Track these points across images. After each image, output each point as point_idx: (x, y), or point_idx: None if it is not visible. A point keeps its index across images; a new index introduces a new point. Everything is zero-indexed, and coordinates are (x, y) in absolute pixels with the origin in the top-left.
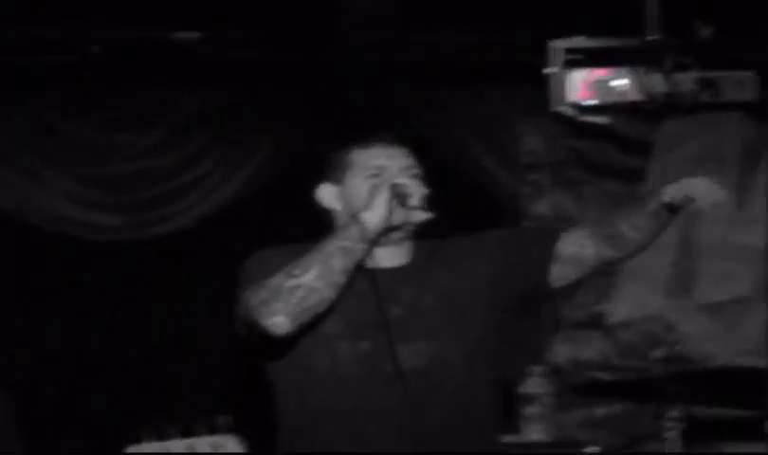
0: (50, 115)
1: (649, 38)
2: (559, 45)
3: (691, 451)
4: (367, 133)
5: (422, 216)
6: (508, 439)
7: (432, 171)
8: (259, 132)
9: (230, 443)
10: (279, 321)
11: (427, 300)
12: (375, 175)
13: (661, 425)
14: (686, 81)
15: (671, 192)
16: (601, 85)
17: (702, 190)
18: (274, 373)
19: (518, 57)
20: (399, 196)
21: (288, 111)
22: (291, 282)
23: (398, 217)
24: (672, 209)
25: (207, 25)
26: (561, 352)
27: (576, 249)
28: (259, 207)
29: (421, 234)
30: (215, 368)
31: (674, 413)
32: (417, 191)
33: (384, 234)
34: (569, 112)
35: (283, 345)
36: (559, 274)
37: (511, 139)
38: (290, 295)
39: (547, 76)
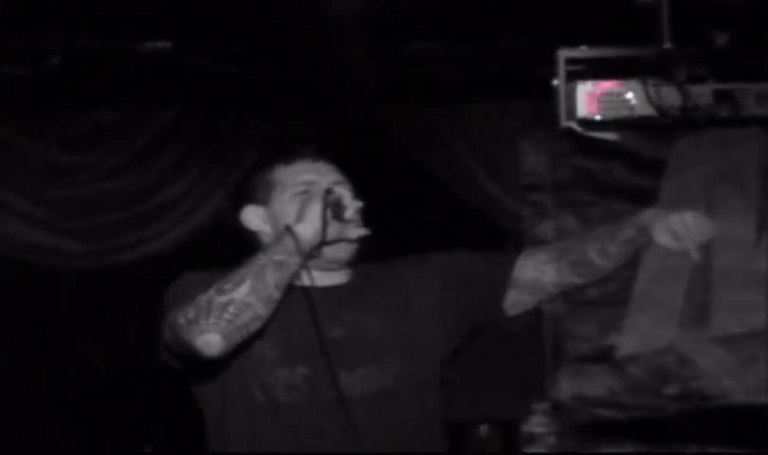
0: (4, 132)
1: (661, 47)
2: (562, 55)
3: None
4: (291, 148)
5: (358, 232)
6: None
7: (426, 192)
8: (235, 151)
9: None
10: (211, 340)
11: (371, 321)
12: (305, 192)
13: None
14: (702, 93)
15: (659, 229)
16: (609, 99)
17: (691, 227)
18: (208, 405)
19: (515, 69)
20: (333, 207)
21: (267, 129)
22: (222, 298)
23: (333, 231)
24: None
25: (180, 33)
26: (565, 388)
27: (536, 275)
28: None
29: (361, 257)
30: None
31: None
32: (352, 203)
33: (319, 248)
34: (574, 128)
35: (218, 374)
36: (516, 300)
37: (510, 158)
38: (222, 311)
39: (551, 89)
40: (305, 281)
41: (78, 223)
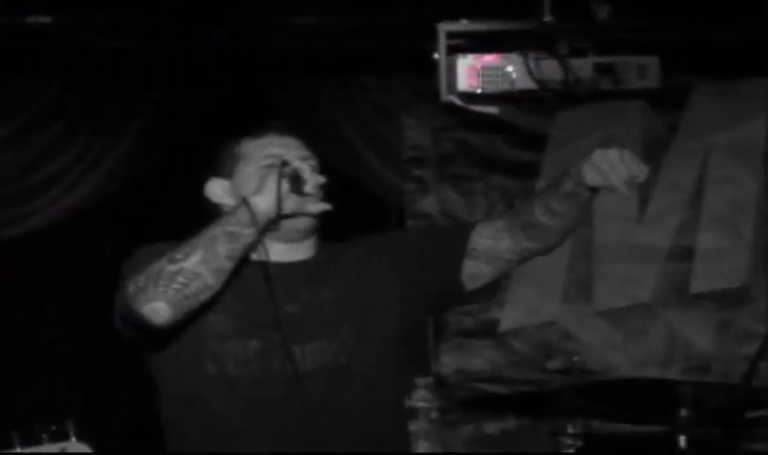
0: None
1: (542, 20)
2: (443, 28)
3: None
4: (259, 122)
5: (318, 206)
6: None
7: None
8: (120, 125)
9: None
10: (158, 308)
11: (325, 297)
12: (269, 166)
13: (558, 442)
14: (583, 67)
15: (586, 169)
16: (489, 72)
17: (616, 162)
18: (161, 375)
19: (397, 43)
20: (291, 180)
21: (152, 103)
22: (172, 267)
23: (291, 205)
24: (593, 188)
25: (62, 8)
26: (448, 362)
27: (492, 243)
28: (120, 205)
29: (323, 234)
30: (68, 374)
31: (572, 429)
32: (313, 177)
33: (276, 222)
34: (456, 102)
35: (170, 345)
36: (474, 271)
37: (393, 132)
38: (171, 280)
39: (432, 63)
40: (262, 254)
41: None
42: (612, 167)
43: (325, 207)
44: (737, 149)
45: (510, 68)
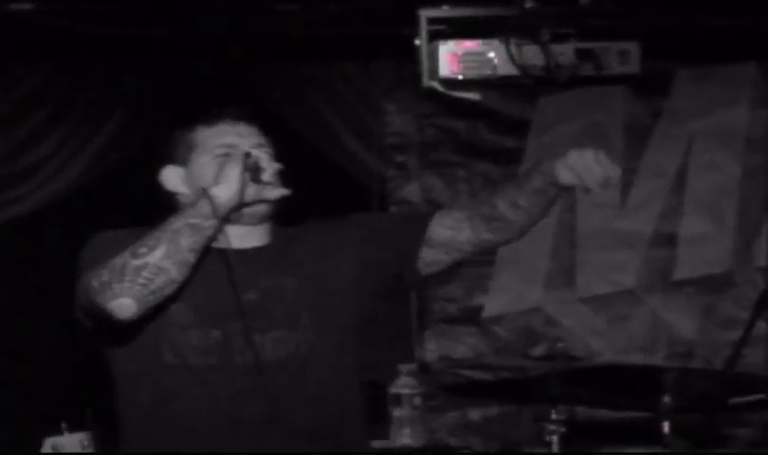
0: None
1: (523, 6)
2: (424, 14)
3: None
4: (212, 109)
5: (276, 192)
6: (375, 444)
7: (290, 152)
8: (102, 112)
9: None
10: (124, 303)
11: (286, 285)
12: (225, 155)
13: (541, 428)
14: (564, 52)
15: (560, 168)
16: (471, 58)
17: (590, 163)
18: (118, 366)
19: (379, 29)
20: (251, 170)
21: (134, 89)
22: (137, 262)
23: (251, 193)
24: (562, 186)
25: None
26: (432, 349)
27: (452, 233)
28: (102, 192)
29: (280, 217)
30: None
31: (556, 416)
32: (270, 165)
33: (236, 211)
34: (437, 88)
35: (129, 335)
36: (432, 259)
37: (375, 119)
38: (136, 275)
39: (414, 49)
40: (222, 243)
41: None
42: (587, 168)
43: (283, 192)
44: (719, 135)
45: (491, 54)
